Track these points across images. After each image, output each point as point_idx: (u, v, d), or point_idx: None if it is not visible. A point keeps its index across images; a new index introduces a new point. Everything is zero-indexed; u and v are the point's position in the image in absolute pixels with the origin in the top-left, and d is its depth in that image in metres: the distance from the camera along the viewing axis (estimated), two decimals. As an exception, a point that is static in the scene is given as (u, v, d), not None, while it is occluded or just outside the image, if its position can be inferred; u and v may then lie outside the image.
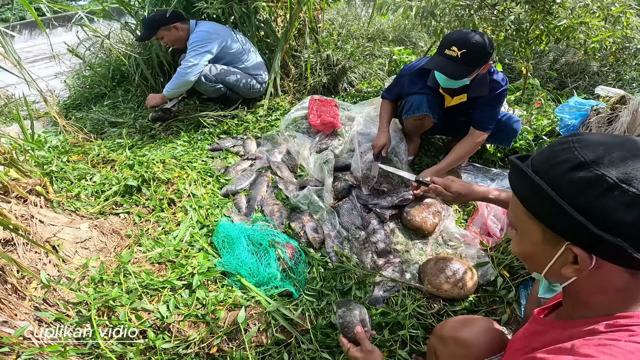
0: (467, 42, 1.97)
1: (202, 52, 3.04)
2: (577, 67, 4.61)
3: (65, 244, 1.76)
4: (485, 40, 1.98)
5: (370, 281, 1.88)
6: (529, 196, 0.73)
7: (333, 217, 2.22)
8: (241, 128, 3.24)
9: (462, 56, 1.98)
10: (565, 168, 0.67)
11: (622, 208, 0.61)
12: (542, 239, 0.74)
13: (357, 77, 3.99)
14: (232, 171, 2.65)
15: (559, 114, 2.53)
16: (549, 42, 3.06)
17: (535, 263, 0.80)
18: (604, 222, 0.63)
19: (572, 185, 0.65)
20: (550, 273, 0.77)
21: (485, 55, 2.00)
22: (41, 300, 1.52)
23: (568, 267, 0.72)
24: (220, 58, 3.25)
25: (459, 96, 2.30)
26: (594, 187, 0.63)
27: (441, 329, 1.22)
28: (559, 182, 0.67)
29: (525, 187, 0.73)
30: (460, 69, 2.03)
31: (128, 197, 2.29)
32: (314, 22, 3.84)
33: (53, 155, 2.54)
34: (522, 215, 0.76)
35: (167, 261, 1.84)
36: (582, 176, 0.64)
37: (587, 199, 0.64)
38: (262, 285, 1.78)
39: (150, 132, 3.17)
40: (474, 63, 2.01)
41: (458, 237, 2.15)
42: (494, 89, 2.21)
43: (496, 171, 2.55)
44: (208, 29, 3.09)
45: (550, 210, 0.69)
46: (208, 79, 3.15)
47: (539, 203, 0.71)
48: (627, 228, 0.62)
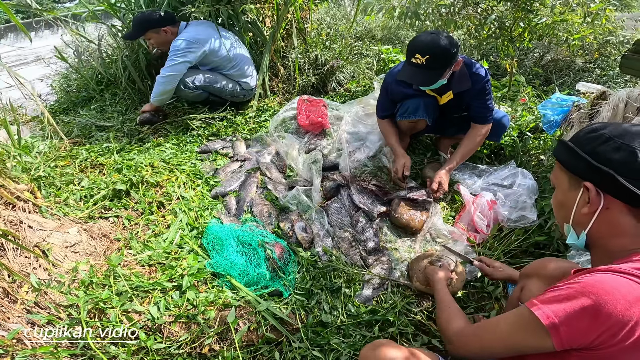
0: (429, 48, 2.02)
1: (180, 61, 3.00)
2: (562, 63, 4.69)
3: (55, 249, 1.76)
4: (446, 41, 2.02)
5: (359, 279, 1.91)
6: (562, 154, 1.05)
7: (322, 216, 2.25)
8: (230, 130, 3.24)
9: (427, 62, 2.03)
10: (583, 132, 1.02)
11: (613, 151, 0.92)
12: (568, 186, 1.04)
13: (346, 77, 4.02)
14: (222, 173, 2.66)
15: (541, 110, 2.58)
16: (532, 39, 3.12)
17: (565, 209, 1.07)
18: (602, 159, 0.94)
19: (585, 140, 0.99)
20: (575, 220, 1.04)
21: (450, 55, 2.05)
22: (33, 304, 1.52)
23: (585, 207, 0.99)
24: (206, 64, 3.24)
25: (445, 94, 2.34)
26: (596, 140, 0.96)
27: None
28: (579, 140, 1.01)
29: (562, 149, 1.06)
30: (429, 75, 2.10)
31: (117, 201, 2.29)
32: (301, 23, 3.86)
33: (40, 160, 2.53)
34: (558, 171, 1.09)
35: (157, 263, 1.85)
36: (591, 135, 0.98)
37: (593, 146, 0.96)
38: (252, 285, 1.80)
39: (138, 136, 3.16)
40: (440, 66, 2.07)
41: (446, 233, 2.18)
42: (476, 82, 2.26)
43: (483, 168, 2.59)
44: (191, 37, 3.03)
45: (572, 158, 1.01)
46: (187, 86, 3.14)
47: (566, 155, 1.04)
48: (616, 164, 0.91)
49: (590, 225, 1.00)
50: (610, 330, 0.81)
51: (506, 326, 1.01)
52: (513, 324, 0.99)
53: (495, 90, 3.61)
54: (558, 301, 0.89)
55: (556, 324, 0.86)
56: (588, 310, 0.83)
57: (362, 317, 1.71)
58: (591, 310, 0.83)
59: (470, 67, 2.27)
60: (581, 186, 0.99)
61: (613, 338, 0.81)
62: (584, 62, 4.66)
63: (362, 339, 1.62)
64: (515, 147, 2.71)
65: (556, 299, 0.89)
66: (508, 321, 1.01)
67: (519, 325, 0.96)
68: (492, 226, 2.16)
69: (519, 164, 2.56)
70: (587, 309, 0.83)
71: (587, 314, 0.83)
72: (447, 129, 2.66)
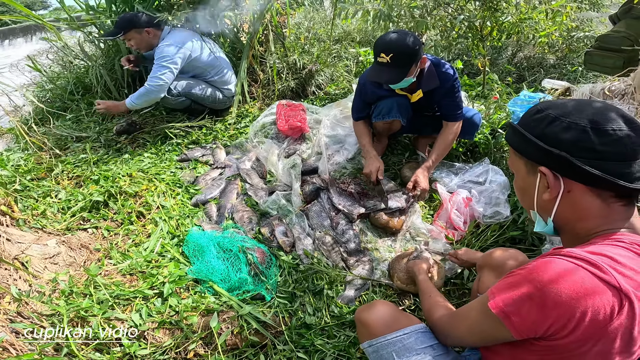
0: (392, 47, 2.07)
1: (170, 68, 3.01)
2: (533, 60, 4.81)
3: (34, 260, 1.75)
4: (409, 38, 2.07)
5: (341, 280, 1.93)
6: (514, 140, 1.02)
7: (302, 220, 2.27)
8: (210, 137, 3.25)
9: (391, 61, 2.08)
10: (529, 114, 0.99)
11: (562, 131, 0.88)
12: (526, 171, 1.01)
13: (325, 80, 4.05)
14: (202, 181, 2.66)
15: (511, 107, 2.65)
16: (501, 38, 3.21)
17: (527, 196, 1.04)
18: (552, 141, 0.90)
19: (533, 122, 0.96)
20: (539, 206, 1.01)
21: (413, 52, 2.09)
22: (15, 314, 1.51)
23: (546, 193, 0.95)
24: (188, 71, 3.24)
25: (415, 93, 2.39)
26: (543, 120, 0.93)
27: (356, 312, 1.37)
28: (527, 123, 0.98)
29: (512, 134, 1.03)
30: (395, 73, 2.13)
31: (95, 212, 2.27)
32: (279, 28, 3.89)
33: (16, 174, 2.49)
34: (514, 157, 1.04)
35: (138, 272, 1.85)
36: (537, 116, 0.95)
37: (541, 128, 0.93)
38: (234, 290, 1.81)
39: (115, 146, 3.13)
40: (405, 63, 2.11)
41: (425, 232, 2.22)
42: (445, 80, 2.31)
43: (459, 165, 2.64)
44: (177, 42, 3.04)
45: (522, 142, 0.98)
46: (171, 93, 3.14)
47: (517, 140, 1.00)
48: (567, 145, 0.87)
49: (555, 211, 0.96)
50: (559, 321, 0.79)
51: (474, 315, 0.99)
52: (478, 312, 0.97)
53: (469, 88, 3.69)
54: (507, 288, 0.87)
55: (506, 313, 0.86)
56: (534, 299, 0.81)
57: (345, 318, 1.73)
58: (537, 299, 0.81)
59: (438, 66, 2.32)
60: (538, 171, 0.95)
61: (564, 329, 0.79)
62: (555, 58, 4.79)
63: (346, 340, 1.64)
64: (488, 145, 2.77)
65: (506, 285, 0.88)
66: (475, 310, 0.99)
67: (482, 313, 0.95)
68: (468, 223, 2.21)
69: (492, 161, 2.62)
70: (533, 297, 0.81)
71: (533, 302, 0.81)
72: (423, 129, 2.71)
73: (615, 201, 0.89)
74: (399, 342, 1.13)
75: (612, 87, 2.01)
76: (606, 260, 0.80)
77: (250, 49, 3.59)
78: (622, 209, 0.90)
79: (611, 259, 0.80)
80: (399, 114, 2.42)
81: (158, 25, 3.11)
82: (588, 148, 0.85)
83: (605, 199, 0.89)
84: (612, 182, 0.84)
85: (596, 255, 0.81)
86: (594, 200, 0.90)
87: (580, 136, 0.86)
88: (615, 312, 0.76)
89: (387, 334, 1.16)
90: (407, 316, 1.25)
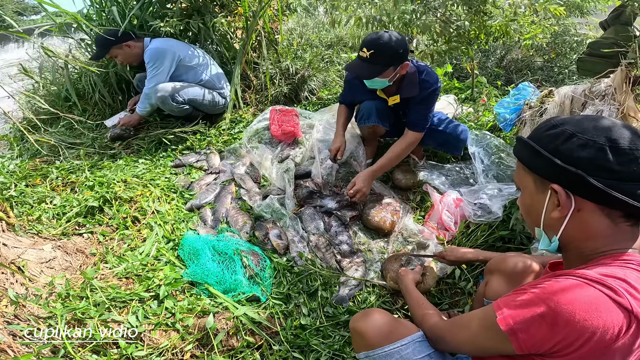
0: (374, 43, 2.08)
1: (161, 69, 3.09)
2: (521, 63, 4.90)
3: (30, 265, 1.77)
4: (394, 39, 2.08)
5: (335, 281, 1.96)
6: (524, 154, 0.99)
7: (296, 223, 2.30)
8: (204, 143, 3.27)
9: (370, 57, 2.10)
10: (542, 129, 0.96)
11: (578, 148, 0.86)
12: (535, 189, 0.98)
13: (318, 85, 4.09)
14: (197, 186, 2.69)
15: (497, 110, 2.71)
16: (488, 41, 3.28)
17: (534, 213, 1.01)
18: (567, 158, 0.87)
19: (546, 138, 0.93)
20: (546, 224, 0.98)
21: (394, 54, 2.10)
22: (12, 316, 1.53)
23: (555, 211, 0.93)
24: (181, 74, 3.28)
25: (392, 97, 2.40)
26: (559, 137, 0.90)
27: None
28: (539, 138, 0.95)
29: (522, 148, 1.00)
30: (370, 69, 2.15)
31: (90, 218, 2.29)
32: (272, 34, 3.93)
33: (11, 180, 2.51)
34: (522, 172, 1.02)
35: (134, 275, 1.87)
36: (552, 132, 0.92)
37: (556, 144, 0.90)
38: (230, 292, 1.83)
39: (110, 152, 3.15)
40: (382, 62, 2.12)
41: (417, 233, 2.26)
42: (424, 88, 2.28)
43: (449, 167, 2.69)
44: (160, 45, 3.13)
45: (534, 158, 0.95)
46: (175, 99, 3.17)
47: (527, 155, 0.98)
48: (584, 163, 0.85)
49: (562, 229, 0.94)
50: (567, 339, 0.80)
51: (476, 327, 0.99)
52: (482, 326, 0.97)
53: (459, 91, 3.75)
54: (518, 306, 0.87)
55: (514, 330, 0.86)
56: (546, 319, 0.81)
57: (339, 318, 1.76)
58: (549, 318, 0.81)
59: (421, 74, 2.29)
60: (548, 188, 0.92)
61: (569, 347, 0.81)
62: (543, 61, 4.88)
63: (341, 339, 1.67)
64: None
65: (517, 303, 0.88)
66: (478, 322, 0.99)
67: (485, 326, 0.95)
68: (459, 223, 2.26)
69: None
70: (545, 317, 0.81)
71: (544, 322, 0.82)
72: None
73: (624, 221, 0.89)
74: (397, 353, 1.14)
75: (592, 89, 2.07)
76: (620, 283, 0.80)
77: (243, 55, 3.63)
78: (630, 229, 0.90)
79: (625, 282, 0.81)
80: (378, 119, 2.45)
81: (135, 37, 3.18)
82: (605, 167, 0.84)
83: (614, 219, 0.88)
84: (624, 202, 0.83)
85: (610, 278, 0.81)
86: (603, 220, 0.89)
87: (597, 154, 0.84)
88: (622, 332, 0.78)
89: (385, 345, 1.16)
90: (404, 325, 1.25)
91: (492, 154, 2.63)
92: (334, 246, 2.19)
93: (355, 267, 2.06)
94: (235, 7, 3.57)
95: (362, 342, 1.23)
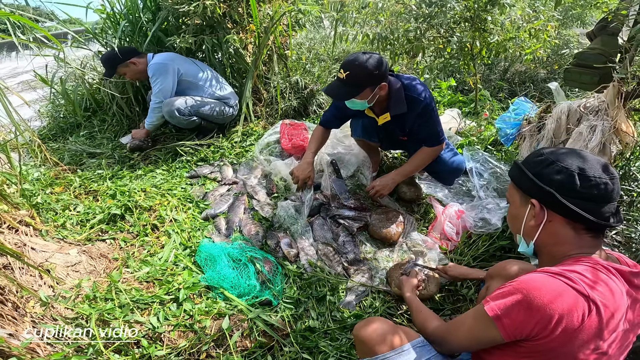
0: (351, 65, 2.08)
1: (165, 83, 3.21)
2: (524, 76, 4.98)
3: (57, 268, 1.89)
4: (371, 61, 2.07)
5: (342, 287, 2.07)
6: (515, 174, 1.22)
7: (307, 231, 2.41)
8: (217, 155, 3.40)
9: (346, 78, 2.10)
10: (533, 156, 1.19)
11: (555, 173, 1.09)
12: (519, 202, 1.21)
13: (326, 99, 4.20)
14: (211, 196, 2.80)
15: (498, 125, 2.79)
16: (490, 56, 3.40)
17: (517, 222, 1.23)
18: (545, 179, 1.11)
19: (533, 163, 1.16)
20: (525, 231, 1.20)
21: (369, 76, 2.09)
22: (41, 317, 1.65)
23: (532, 220, 1.16)
24: (184, 88, 3.37)
25: (382, 116, 2.40)
26: (542, 163, 1.13)
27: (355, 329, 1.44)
28: (529, 162, 1.18)
29: (515, 169, 1.23)
30: (344, 91, 2.15)
31: (112, 225, 2.42)
32: (282, 49, 4.06)
33: (37, 187, 2.65)
34: (512, 189, 1.25)
35: (155, 279, 1.99)
36: (538, 159, 1.15)
37: (539, 168, 1.14)
38: (244, 296, 1.95)
39: (129, 162, 3.30)
40: (357, 84, 2.12)
41: (420, 243, 2.36)
42: (413, 105, 2.27)
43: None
44: (162, 60, 3.24)
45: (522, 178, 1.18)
46: (181, 112, 3.28)
47: (517, 175, 1.21)
48: (557, 184, 1.09)
49: (537, 236, 1.16)
50: (541, 322, 0.95)
51: (470, 321, 1.14)
52: (474, 318, 1.12)
53: (462, 105, 3.84)
54: (501, 297, 1.04)
55: (499, 316, 1.02)
56: (522, 304, 0.98)
57: (346, 322, 1.87)
58: (525, 303, 0.98)
59: (408, 90, 2.27)
60: (529, 202, 1.16)
61: (545, 330, 0.96)
62: (546, 72, 4.95)
63: (347, 342, 1.77)
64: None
65: (500, 295, 1.05)
66: (471, 317, 1.14)
67: (477, 318, 1.11)
68: (461, 233, 2.36)
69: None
70: (522, 303, 0.98)
71: (522, 307, 0.98)
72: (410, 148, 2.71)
73: (586, 233, 1.09)
74: (398, 358, 1.22)
75: (587, 104, 2.17)
76: (577, 275, 0.99)
77: (255, 69, 3.76)
78: (590, 239, 1.10)
79: (580, 274, 1.00)
80: (364, 134, 2.58)
81: (139, 53, 3.31)
82: (572, 189, 1.07)
83: (577, 230, 1.10)
84: (585, 218, 1.05)
85: (569, 272, 1.00)
86: (569, 231, 1.10)
87: (568, 179, 1.07)
88: (586, 316, 0.95)
89: (387, 352, 1.24)
90: (405, 331, 1.32)
91: (489, 169, 2.72)
92: (342, 255, 2.30)
93: (362, 274, 2.16)
94: (248, 23, 3.71)
95: (365, 349, 1.31)
